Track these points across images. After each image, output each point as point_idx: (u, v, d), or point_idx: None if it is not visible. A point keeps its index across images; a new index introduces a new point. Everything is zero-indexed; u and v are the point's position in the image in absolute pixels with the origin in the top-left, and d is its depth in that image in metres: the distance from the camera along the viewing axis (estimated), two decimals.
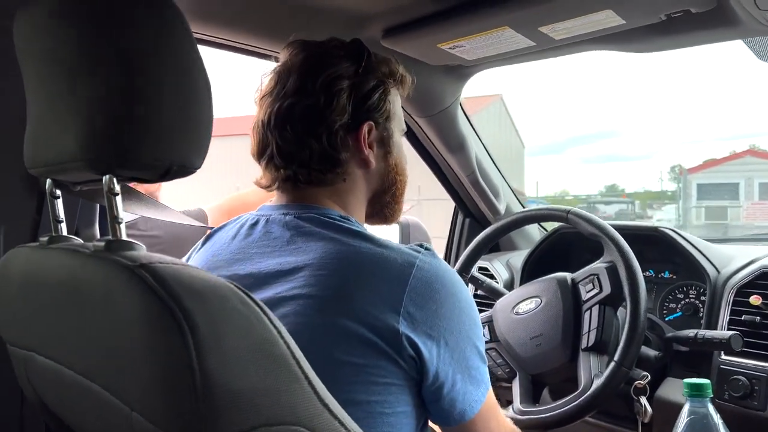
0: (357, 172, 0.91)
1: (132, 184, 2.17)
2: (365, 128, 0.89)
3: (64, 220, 0.74)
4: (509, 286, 1.61)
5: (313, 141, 0.86)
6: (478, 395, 0.83)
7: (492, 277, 1.65)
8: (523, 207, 1.84)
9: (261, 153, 0.90)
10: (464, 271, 1.45)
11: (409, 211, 1.75)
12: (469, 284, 1.52)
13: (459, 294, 0.82)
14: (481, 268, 1.69)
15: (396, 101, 0.96)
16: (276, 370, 0.52)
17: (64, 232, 0.74)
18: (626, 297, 1.14)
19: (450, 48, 1.18)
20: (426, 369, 0.77)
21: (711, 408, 0.85)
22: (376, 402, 0.76)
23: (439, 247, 2.07)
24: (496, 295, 1.43)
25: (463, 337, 0.81)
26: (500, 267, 1.66)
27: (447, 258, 1.86)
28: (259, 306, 0.54)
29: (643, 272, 1.51)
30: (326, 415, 0.55)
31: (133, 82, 0.57)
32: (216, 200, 2.23)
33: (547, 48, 1.19)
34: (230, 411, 0.48)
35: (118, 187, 0.62)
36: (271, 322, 0.54)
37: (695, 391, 0.85)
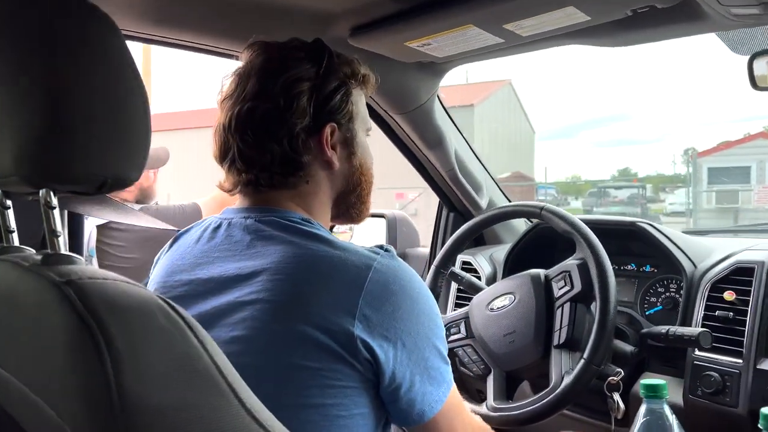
0: (320, 173, 0.91)
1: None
2: (327, 130, 0.89)
3: (15, 230, 0.75)
4: (492, 280, 1.61)
5: (274, 145, 0.86)
6: (438, 395, 0.84)
7: (475, 271, 1.65)
8: (509, 201, 1.84)
9: (223, 156, 0.91)
10: (443, 267, 1.45)
11: (417, 199, 1.76)
12: (450, 280, 1.53)
13: (417, 295, 0.82)
14: (464, 263, 1.69)
15: (359, 101, 0.95)
16: (199, 385, 0.52)
17: (16, 242, 0.75)
18: (596, 295, 1.14)
19: (419, 46, 1.18)
20: (382, 371, 0.78)
21: (667, 409, 0.85)
22: (332, 405, 0.77)
23: None
24: (476, 290, 1.43)
25: (422, 338, 0.81)
26: (483, 261, 1.66)
27: (432, 253, 1.86)
28: (185, 321, 0.54)
29: (624, 266, 1.52)
30: (254, 426, 0.56)
31: (60, 97, 0.57)
32: (209, 192, 2.27)
33: (517, 44, 1.18)
34: (150, 427, 0.49)
35: (55, 201, 0.62)
36: (197, 337, 0.54)
37: (651, 392, 0.85)
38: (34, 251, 0.71)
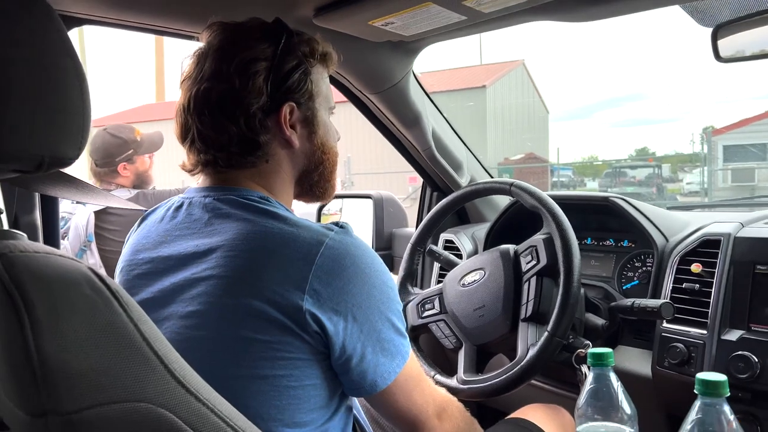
0: (280, 152, 0.93)
1: (122, 166, 2.21)
2: (286, 109, 0.90)
3: None
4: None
5: (231, 125, 0.87)
6: (392, 366, 0.85)
7: (457, 249, 1.67)
8: (491, 177, 1.85)
9: (183, 137, 0.92)
10: (419, 245, 1.47)
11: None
12: (430, 258, 1.55)
13: (369, 269, 0.84)
14: (447, 241, 1.71)
15: (320, 80, 0.96)
16: (121, 351, 0.55)
17: None
18: (560, 268, 1.15)
19: (382, 25, 1.18)
20: (332, 343, 0.80)
21: (613, 376, 0.86)
22: (282, 376, 0.79)
23: None
24: (453, 267, 1.45)
25: (374, 311, 0.83)
26: (465, 239, 1.68)
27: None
28: (111, 291, 0.57)
29: (603, 241, 1.53)
30: (180, 391, 0.58)
31: None
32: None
33: (482, 21, 1.19)
34: (70, 390, 0.52)
35: None
36: (122, 306, 0.57)
37: (597, 360, 0.87)
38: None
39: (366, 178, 14.97)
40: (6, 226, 0.65)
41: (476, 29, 1.26)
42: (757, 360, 1.07)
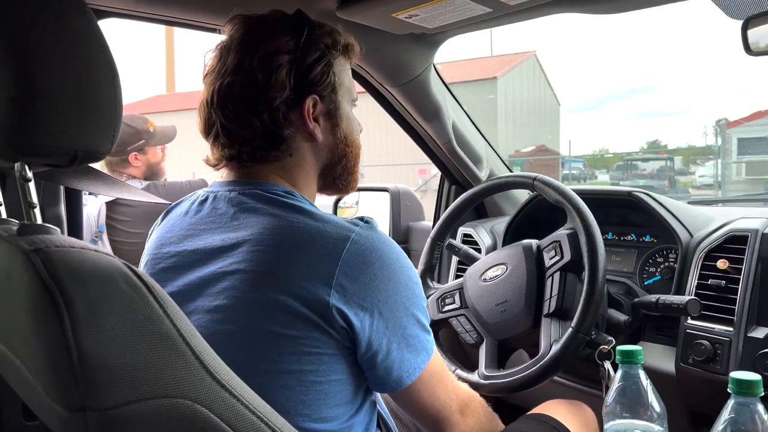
0: (304, 146, 0.92)
1: (134, 156, 2.21)
2: (309, 102, 0.89)
3: (2, 203, 0.79)
4: (491, 251, 1.61)
5: (255, 119, 0.87)
6: (417, 362, 0.85)
7: (476, 243, 1.66)
8: (510, 171, 1.83)
9: (207, 131, 0.92)
10: (439, 239, 1.46)
11: (439, 175, 1.76)
12: (449, 252, 1.54)
13: (395, 265, 0.83)
14: (465, 235, 1.70)
15: (342, 72, 0.95)
16: (158, 347, 0.55)
17: (3, 215, 0.78)
18: (585, 263, 1.14)
19: (406, 17, 1.17)
20: (358, 339, 0.80)
21: (642, 373, 0.86)
22: (308, 371, 0.79)
23: None
24: (473, 261, 1.44)
25: (399, 307, 0.83)
26: (484, 233, 1.67)
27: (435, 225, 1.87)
28: (147, 286, 0.57)
29: (624, 236, 1.51)
30: (215, 387, 0.58)
31: (27, 72, 0.59)
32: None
33: (507, 13, 1.17)
34: (109, 386, 0.52)
35: (30, 174, 0.65)
36: (158, 301, 0.57)
37: (626, 357, 0.86)
38: (17, 222, 0.75)
39: (376, 170, 14.97)
40: (39, 221, 0.65)
41: (499, 21, 1.25)
42: None
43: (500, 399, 1.54)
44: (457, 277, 1.62)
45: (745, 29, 1.09)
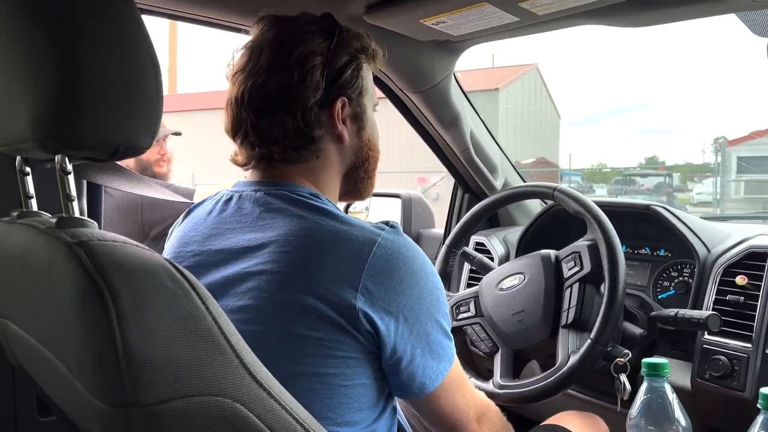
0: (331, 147, 0.92)
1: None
2: (339, 104, 0.90)
3: (33, 195, 0.78)
4: (504, 261, 1.61)
5: (288, 118, 0.87)
6: (439, 369, 0.85)
7: (488, 252, 1.66)
8: (524, 181, 1.83)
9: (235, 131, 0.92)
10: (455, 247, 1.46)
11: (439, 183, 1.77)
12: (462, 260, 1.54)
13: (421, 271, 0.83)
14: (478, 243, 1.70)
15: (368, 77, 0.96)
16: (201, 344, 0.55)
17: (34, 208, 0.78)
18: (605, 276, 1.14)
19: (433, 24, 1.18)
20: (384, 343, 0.80)
21: (668, 387, 0.86)
22: (333, 374, 0.79)
23: None
24: (487, 270, 1.44)
25: (424, 313, 0.82)
26: (496, 242, 1.67)
27: (446, 234, 1.87)
28: (189, 282, 0.57)
29: (638, 250, 1.51)
30: (254, 386, 0.58)
31: (73, 64, 0.59)
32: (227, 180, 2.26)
33: (533, 23, 1.18)
34: (152, 382, 0.52)
35: (70, 167, 0.65)
36: (200, 298, 0.56)
37: (653, 371, 0.86)
38: (50, 216, 0.74)
39: (376, 177, 15.00)
40: (78, 214, 0.64)
41: (525, 31, 1.26)
42: None
43: (510, 410, 1.53)
44: (469, 285, 1.62)
45: None
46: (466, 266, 1.66)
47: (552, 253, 1.28)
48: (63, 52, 0.59)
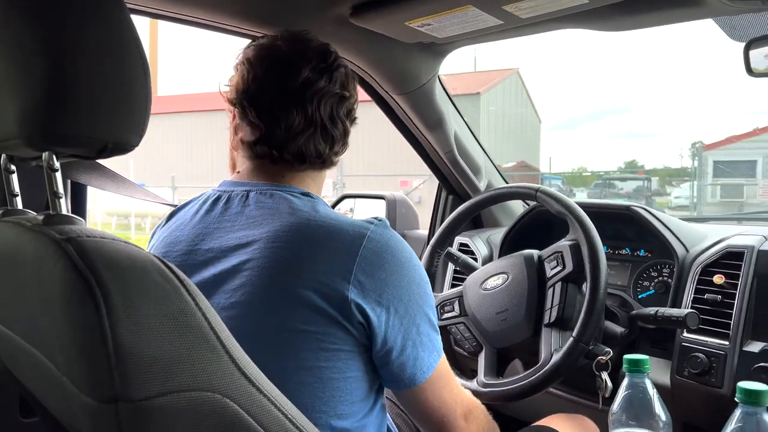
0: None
1: None
2: None
3: (18, 193, 0.78)
4: (488, 261, 1.63)
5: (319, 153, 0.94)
6: (430, 361, 0.87)
7: (472, 253, 1.67)
8: (507, 183, 1.85)
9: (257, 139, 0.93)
10: (439, 247, 1.47)
11: (421, 187, 1.78)
12: (447, 260, 1.55)
13: (408, 264, 0.85)
14: (461, 244, 1.71)
15: None
16: (191, 339, 0.55)
17: (20, 206, 0.77)
18: (587, 275, 1.16)
19: (419, 26, 1.19)
20: (375, 335, 0.81)
21: (648, 383, 0.87)
22: (326, 367, 0.80)
23: None
24: (470, 270, 1.45)
25: (413, 305, 0.84)
26: (480, 243, 1.68)
27: (430, 234, 1.88)
28: (179, 279, 0.57)
29: (619, 250, 1.54)
30: (243, 382, 0.58)
31: (61, 61, 0.59)
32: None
33: (517, 26, 1.20)
34: (142, 377, 0.52)
35: (57, 164, 0.65)
36: (190, 294, 0.57)
37: (633, 367, 0.87)
38: (35, 214, 0.74)
39: (357, 181, 15.02)
40: (65, 211, 0.64)
41: (509, 34, 1.27)
42: None
43: (496, 411, 1.54)
44: (453, 285, 1.63)
45: (747, 51, 1.13)
46: (450, 267, 1.67)
47: (535, 253, 1.30)
48: (51, 50, 0.59)
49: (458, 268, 1.57)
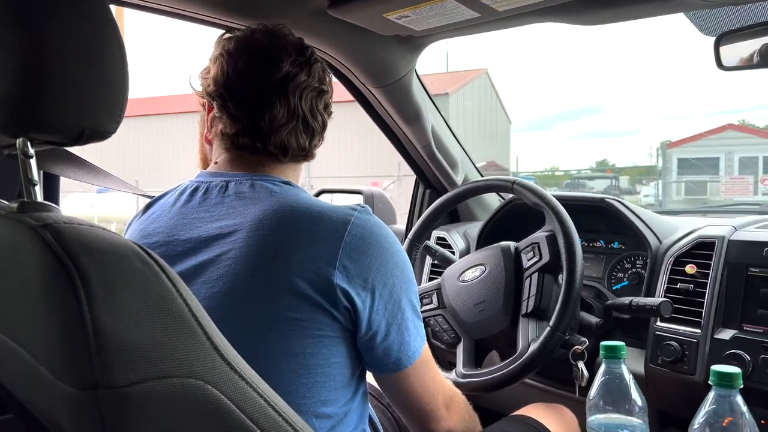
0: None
1: None
2: None
3: None
4: (465, 254, 1.64)
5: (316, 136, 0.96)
6: (414, 346, 0.87)
7: (449, 246, 1.68)
8: (482, 176, 1.87)
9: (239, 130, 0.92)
10: (417, 241, 1.48)
11: (389, 187, 1.78)
12: (425, 254, 1.56)
13: (392, 249, 0.86)
14: (439, 238, 1.72)
15: None
16: (172, 325, 0.54)
17: None
18: (563, 264, 1.17)
19: (396, 18, 1.19)
20: (360, 319, 0.81)
21: (624, 369, 0.89)
22: (310, 354, 0.80)
23: None
24: (448, 263, 1.46)
25: (397, 290, 0.85)
26: (457, 237, 1.69)
27: (407, 228, 1.89)
28: (159, 265, 0.56)
29: (593, 243, 1.56)
30: (225, 368, 0.57)
31: (38, 47, 0.58)
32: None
33: (494, 19, 1.20)
34: (123, 363, 0.51)
35: (32, 150, 0.63)
36: (170, 280, 0.56)
37: (610, 353, 0.89)
38: (8, 203, 0.72)
39: (325, 182, 14.99)
40: (40, 199, 0.63)
41: (486, 27, 1.28)
42: (749, 358, 1.11)
43: (475, 403, 1.56)
44: (431, 278, 1.63)
45: (717, 45, 1.15)
46: (428, 260, 1.68)
47: (512, 244, 1.31)
48: (24, 38, 0.58)
49: (436, 261, 1.58)
